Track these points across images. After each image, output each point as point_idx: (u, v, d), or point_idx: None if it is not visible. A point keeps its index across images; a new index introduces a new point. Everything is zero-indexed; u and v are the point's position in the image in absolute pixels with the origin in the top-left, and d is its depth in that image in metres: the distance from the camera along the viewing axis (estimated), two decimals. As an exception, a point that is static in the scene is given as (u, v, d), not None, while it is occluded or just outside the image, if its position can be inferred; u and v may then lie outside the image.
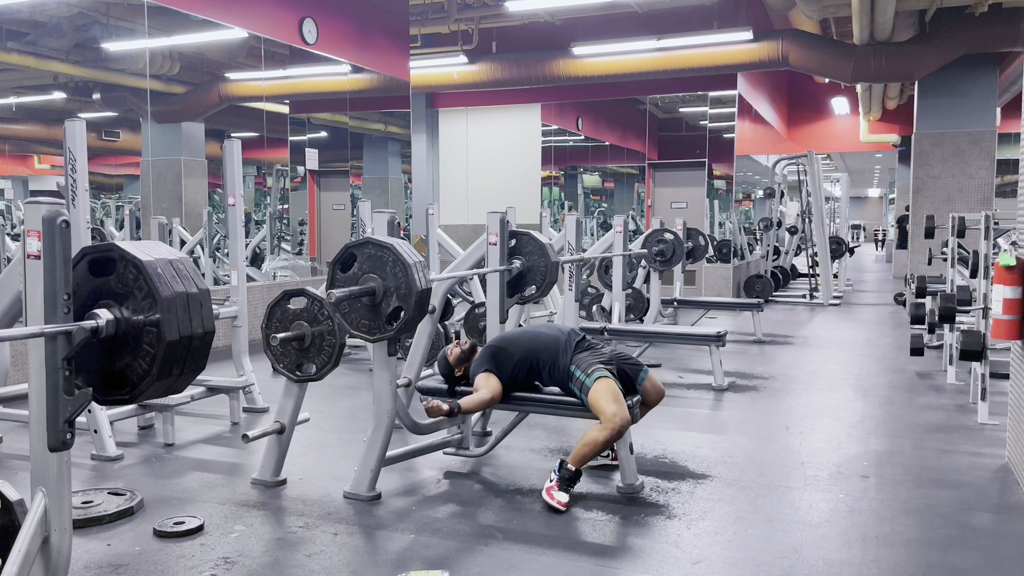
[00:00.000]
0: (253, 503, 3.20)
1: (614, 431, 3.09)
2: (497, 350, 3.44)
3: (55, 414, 1.77)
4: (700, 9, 10.31)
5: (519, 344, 3.43)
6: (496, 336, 3.65)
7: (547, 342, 3.40)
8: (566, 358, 3.34)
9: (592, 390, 3.17)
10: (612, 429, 3.08)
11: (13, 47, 6.30)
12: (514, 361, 3.39)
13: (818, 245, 11.24)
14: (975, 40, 9.73)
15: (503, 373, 3.38)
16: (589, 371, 3.24)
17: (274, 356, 3.31)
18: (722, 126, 12.59)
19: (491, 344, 3.52)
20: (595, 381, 3.19)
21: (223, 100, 8.04)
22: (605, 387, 3.17)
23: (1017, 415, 3.59)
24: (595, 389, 3.17)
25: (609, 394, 3.15)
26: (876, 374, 5.98)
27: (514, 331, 3.65)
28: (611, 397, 3.14)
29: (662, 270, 7.84)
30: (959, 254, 5.79)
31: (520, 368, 3.40)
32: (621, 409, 3.12)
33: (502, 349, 3.43)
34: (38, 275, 1.74)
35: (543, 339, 3.42)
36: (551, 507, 3.08)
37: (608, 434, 3.09)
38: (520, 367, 3.39)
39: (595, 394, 3.16)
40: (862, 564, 2.65)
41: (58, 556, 1.85)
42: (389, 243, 2.99)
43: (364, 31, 8.84)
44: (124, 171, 7.35)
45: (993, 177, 10.90)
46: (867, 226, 36.45)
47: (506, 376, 3.38)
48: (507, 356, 3.40)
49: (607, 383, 3.19)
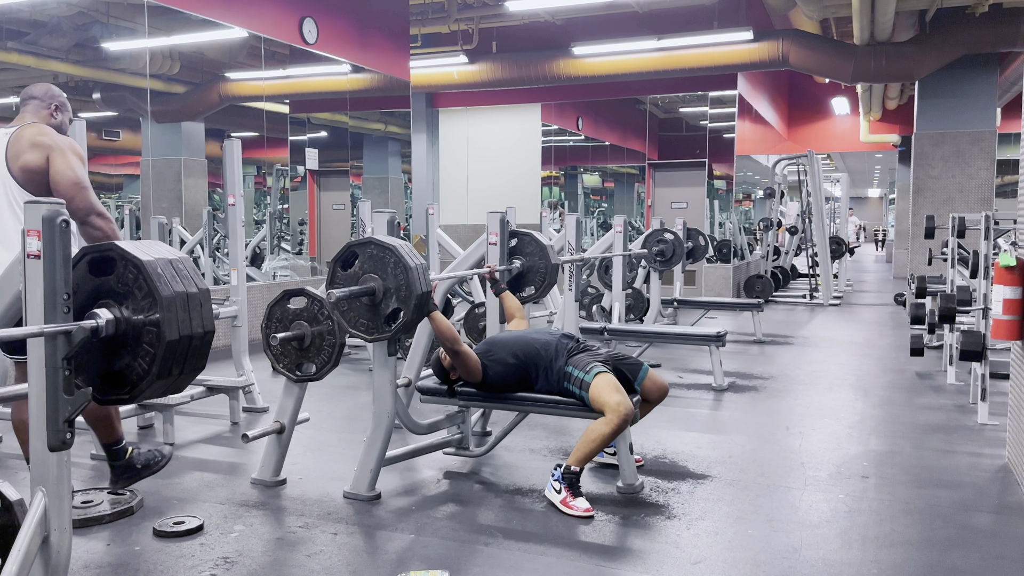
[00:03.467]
0: (253, 503, 3.20)
1: (620, 420, 3.06)
2: (490, 354, 3.41)
3: (55, 414, 1.77)
4: (700, 9, 10.31)
5: (511, 350, 3.39)
6: (487, 339, 3.62)
7: (540, 348, 3.37)
8: (560, 361, 3.32)
9: (593, 385, 3.17)
10: (618, 417, 3.06)
11: (13, 47, 6.30)
12: (506, 365, 3.36)
13: (818, 245, 11.24)
14: (975, 40, 9.73)
15: (490, 370, 3.36)
16: (587, 368, 3.23)
17: (274, 356, 3.31)
18: (722, 126, 12.59)
19: (483, 348, 3.48)
20: (595, 376, 3.18)
21: (223, 100, 8.04)
22: (606, 380, 3.16)
23: (1017, 415, 3.59)
24: (595, 384, 3.16)
25: (611, 386, 3.14)
26: (876, 374, 5.99)
27: (506, 336, 3.58)
28: (613, 388, 3.13)
29: (662, 270, 7.83)
30: (959, 254, 5.79)
31: (511, 373, 3.37)
32: (625, 399, 3.10)
33: (494, 354, 3.40)
34: (38, 275, 1.74)
35: (537, 344, 3.39)
36: (579, 517, 3.00)
37: (614, 425, 3.06)
38: (511, 373, 3.37)
39: (596, 388, 3.15)
40: (862, 564, 2.65)
41: (58, 556, 1.85)
42: (392, 244, 2.99)
43: (364, 31, 8.84)
44: (124, 171, 7.35)
45: (993, 177, 10.91)
46: (867, 226, 36.47)
47: (494, 375, 3.36)
48: (498, 360, 3.37)
49: (607, 377, 3.18)
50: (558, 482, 3.12)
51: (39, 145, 2.85)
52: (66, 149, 2.86)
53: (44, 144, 2.85)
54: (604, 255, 7.21)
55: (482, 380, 3.38)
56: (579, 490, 3.10)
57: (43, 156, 2.85)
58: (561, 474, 3.12)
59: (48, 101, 3.10)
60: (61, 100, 3.14)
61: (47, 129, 2.93)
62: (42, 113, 3.07)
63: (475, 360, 3.33)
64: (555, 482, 3.14)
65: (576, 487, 3.10)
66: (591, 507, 3.04)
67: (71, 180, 2.80)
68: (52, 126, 3.02)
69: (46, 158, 2.85)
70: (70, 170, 2.82)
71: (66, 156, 2.84)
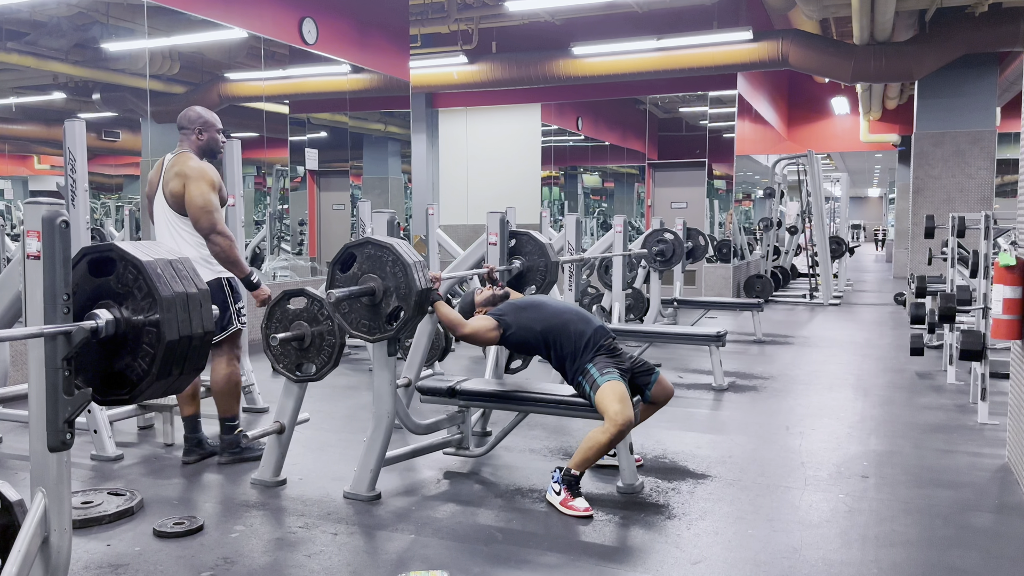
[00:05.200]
0: (253, 503, 3.20)
1: (616, 429, 3.07)
2: (521, 313, 3.42)
3: (55, 414, 1.77)
4: (700, 9, 10.31)
5: (545, 319, 3.39)
6: (527, 298, 3.59)
7: (574, 335, 3.34)
8: (588, 355, 3.31)
9: (601, 389, 3.17)
10: (615, 427, 3.07)
11: (13, 47, 6.30)
12: (533, 333, 3.37)
13: (818, 245, 11.24)
14: (975, 40, 9.73)
15: (511, 333, 3.38)
16: (604, 371, 3.23)
17: (274, 356, 3.31)
18: (722, 126, 12.59)
19: (520, 303, 3.50)
20: (607, 381, 3.18)
21: (223, 100, 8.04)
22: (614, 388, 3.16)
23: (1017, 415, 3.59)
24: (603, 389, 3.16)
25: (616, 395, 3.14)
26: (876, 374, 5.99)
27: (546, 304, 3.53)
28: (617, 398, 3.14)
29: (662, 270, 7.84)
30: (959, 254, 5.79)
31: (536, 343, 3.39)
32: (625, 409, 3.11)
33: (525, 314, 3.42)
34: (38, 275, 1.74)
35: (571, 329, 3.36)
36: (579, 517, 3.01)
37: (610, 435, 3.08)
38: (537, 342, 3.38)
39: (603, 394, 3.16)
40: (862, 564, 2.65)
41: (58, 556, 1.85)
42: (388, 243, 2.99)
43: (364, 31, 8.84)
44: (124, 171, 7.35)
45: (993, 177, 10.91)
46: (867, 225, 36.48)
47: (516, 340, 3.40)
48: (526, 327, 3.38)
49: (618, 385, 3.18)
50: (558, 483, 3.13)
51: (179, 174, 3.45)
52: (198, 177, 3.43)
53: (183, 173, 3.45)
54: (604, 255, 7.22)
55: (501, 341, 3.43)
56: (579, 490, 3.11)
57: (181, 183, 3.44)
58: (561, 476, 3.13)
59: (192, 127, 3.59)
60: (202, 120, 3.60)
61: (188, 158, 3.50)
62: (191, 139, 3.59)
63: (485, 335, 3.39)
64: (555, 484, 3.15)
65: (575, 488, 3.10)
66: (590, 507, 3.05)
67: (198, 205, 3.41)
68: (201, 148, 3.58)
69: (183, 185, 3.44)
70: (199, 196, 3.41)
71: (197, 184, 3.42)
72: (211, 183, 3.46)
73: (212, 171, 3.53)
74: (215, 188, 3.49)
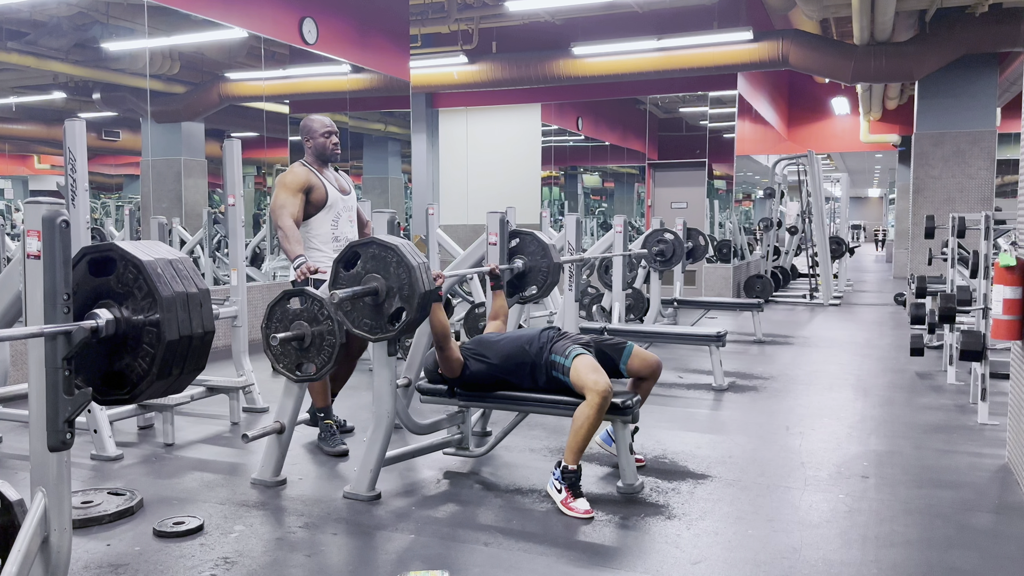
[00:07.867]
0: (253, 503, 3.20)
1: (600, 398, 3.08)
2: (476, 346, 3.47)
3: (55, 414, 1.77)
4: (700, 9, 10.31)
5: (496, 349, 3.44)
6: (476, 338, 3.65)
7: (525, 343, 3.39)
8: (546, 352, 3.34)
9: (572, 368, 3.21)
10: (598, 396, 3.08)
11: (13, 47, 6.30)
12: (487, 364, 3.41)
13: (818, 245, 11.25)
14: (975, 40, 9.73)
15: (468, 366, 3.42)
16: (567, 353, 3.27)
17: (274, 356, 3.30)
18: (722, 126, 12.58)
19: (472, 341, 3.56)
20: (574, 359, 3.23)
21: (223, 100, 8.04)
22: (584, 362, 3.21)
23: (1017, 415, 3.59)
24: (574, 366, 3.21)
25: (588, 366, 3.19)
26: (876, 374, 5.98)
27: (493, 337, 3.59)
28: (590, 368, 3.18)
29: (662, 270, 7.83)
30: (959, 254, 5.78)
31: (489, 373, 3.41)
32: (602, 377, 3.15)
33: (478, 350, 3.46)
34: (38, 275, 1.74)
35: (522, 340, 3.42)
36: (580, 519, 3.01)
37: (595, 405, 3.08)
38: (490, 372, 3.41)
39: (575, 371, 3.19)
40: (862, 564, 2.65)
41: (58, 556, 1.85)
42: (394, 244, 2.99)
43: (364, 31, 8.84)
44: (124, 171, 7.35)
45: (993, 177, 10.90)
46: (867, 226, 36.47)
47: (471, 372, 3.42)
48: (480, 357, 3.42)
49: (586, 358, 3.23)
50: (559, 481, 3.13)
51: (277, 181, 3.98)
52: (280, 183, 3.90)
53: (277, 180, 3.96)
54: (604, 255, 7.21)
55: (460, 376, 3.44)
56: (580, 490, 3.10)
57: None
58: (561, 473, 3.13)
59: (303, 137, 4.03)
60: (307, 129, 4.02)
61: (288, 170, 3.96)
62: (306, 148, 4.03)
63: (457, 359, 3.41)
64: (556, 481, 3.14)
65: (577, 488, 3.10)
66: (591, 508, 3.04)
67: (275, 205, 3.87)
68: (314, 153, 4.00)
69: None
70: (277, 198, 3.87)
71: (278, 188, 3.90)
72: (286, 187, 3.86)
73: (294, 175, 3.89)
74: (292, 190, 3.85)
